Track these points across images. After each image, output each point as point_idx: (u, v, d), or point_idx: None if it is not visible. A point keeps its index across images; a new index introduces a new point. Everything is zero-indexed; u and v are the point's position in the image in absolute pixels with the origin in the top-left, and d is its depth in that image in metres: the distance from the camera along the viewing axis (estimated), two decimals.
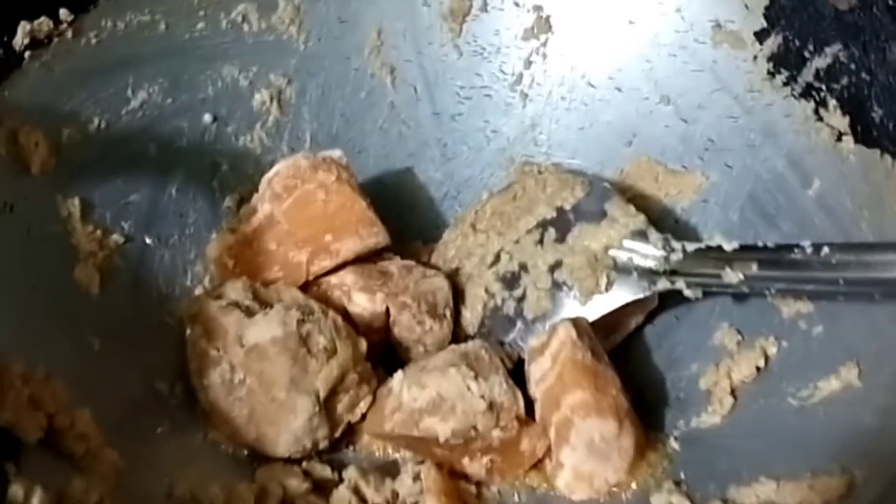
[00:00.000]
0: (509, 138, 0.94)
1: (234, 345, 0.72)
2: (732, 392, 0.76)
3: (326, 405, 0.72)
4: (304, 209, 0.80)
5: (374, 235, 0.80)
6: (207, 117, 0.87)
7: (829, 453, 0.65)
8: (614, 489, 0.71)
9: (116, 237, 0.79)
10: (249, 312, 0.73)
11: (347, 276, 0.79)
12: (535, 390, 0.74)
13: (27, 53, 0.75)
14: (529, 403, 0.74)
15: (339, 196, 0.80)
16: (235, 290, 0.75)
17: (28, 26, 0.75)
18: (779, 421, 0.72)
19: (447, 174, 0.94)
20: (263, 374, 0.71)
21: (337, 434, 0.74)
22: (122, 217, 0.81)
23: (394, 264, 0.82)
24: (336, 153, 0.84)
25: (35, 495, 0.52)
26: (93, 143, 0.80)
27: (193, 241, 0.84)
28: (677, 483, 0.70)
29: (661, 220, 0.83)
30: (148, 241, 0.82)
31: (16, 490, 0.52)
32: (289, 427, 0.71)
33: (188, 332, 0.75)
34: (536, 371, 0.74)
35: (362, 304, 0.78)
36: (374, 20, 0.91)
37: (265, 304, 0.75)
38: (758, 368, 0.76)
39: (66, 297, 0.74)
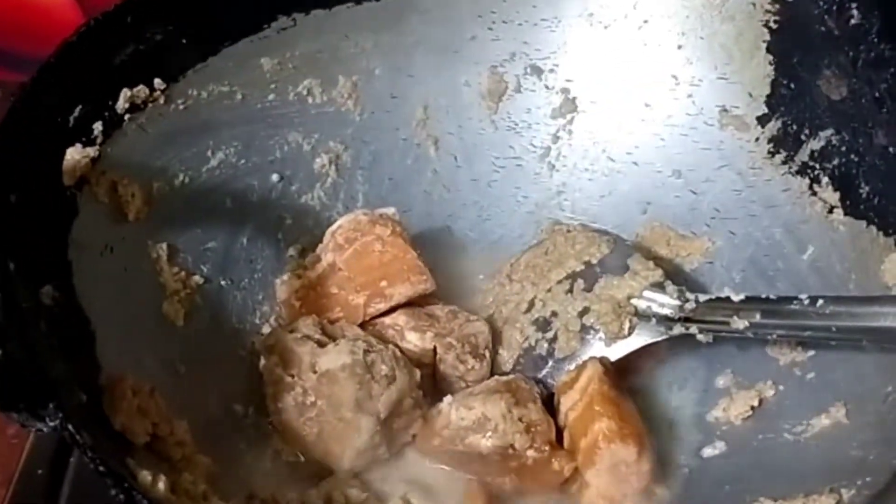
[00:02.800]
0: (537, 203, 1.01)
1: (307, 371, 0.80)
2: (735, 428, 0.83)
3: (385, 425, 0.80)
4: (363, 258, 0.88)
5: (423, 282, 0.88)
6: (275, 177, 0.94)
7: (820, 479, 0.72)
8: None
9: (197, 278, 0.87)
10: (321, 344, 0.81)
11: (400, 318, 0.87)
12: (565, 419, 0.82)
13: (127, 116, 0.82)
14: (558, 432, 0.82)
15: (394, 248, 0.88)
16: (307, 325, 0.84)
17: (128, 93, 0.82)
18: (776, 453, 0.79)
19: (482, 233, 1.01)
20: (333, 396, 0.79)
21: (392, 451, 0.82)
22: (202, 261, 0.88)
23: (439, 309, 0.89)
24: (390, 210, 0.91)
25: (160, 481, 0.62)
26: (178, 196, 0.87)
27: (261, 285, 0.92)
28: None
29: (673, 279, 0.90)
30: (223, 282, 0.89)
31: (145, 475, 0.61)
32: (353, 444, 0.79)
33: (263, 361, 0.83)
34: (566, 402, 0.82)
35: (413, 341, 0.86)
36: (421, 97, 0.99)
37: (332, 338, 0.83)
38: (753, 408, 0.84)
39: (156, 327, 0.82)
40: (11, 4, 1.20)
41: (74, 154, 0.77)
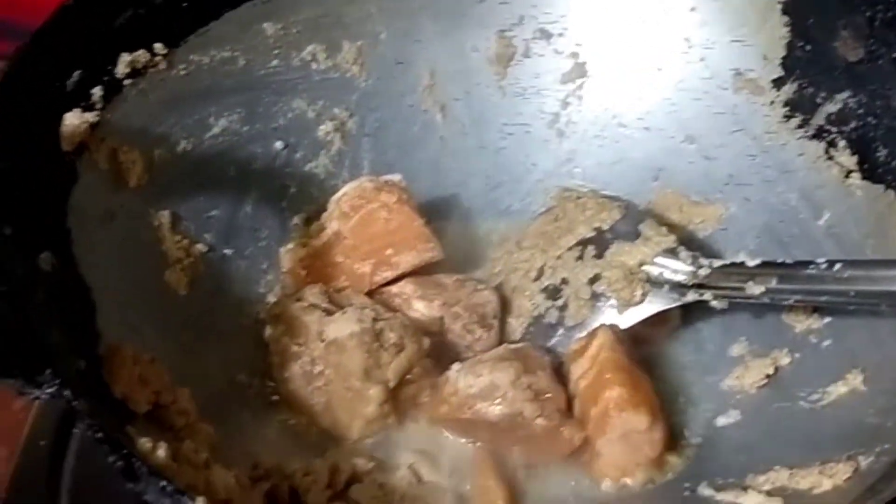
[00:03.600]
0: (547, 171, 0.99)
1: (314, 340, 0.79)
2: (749, 397, 0.82)
3: (394, 394, 0.79)
4: (369, 226, 0.87)
5: (430, 250, 0.87)
6: (279, 144, 0.93)
7: (837, 447, 0.71)
8: (645, 477, 0.78)
9: (200, 246, 0.86)
10: (328, 312, 0.81)
11: (407, 286, 0.86)
12: (575, 388, 0.81)
13: (127, 81, 0.81)
14: (568, 401, 0.81)
15: (400, 215, 0.87)
16: (313, 294, 0.83)
17: (128, 57, 0.81)
18: (792, 421, 0.78)
19: (490, 202, 1.00)
20: (341, 365, 0.78)
21: (401, 420, 0.81)
22: (205, 229, 0.87)
23: (447, 277, 0.88)
24: (396, 177, 0.91)
25: (160, 448, 0.61)
26: (180, 163, 0.86)
27: (265, 254, 0.91)
28: (701, 473, 0.77)
29: (686, 245, 0.89)
30: (227, 251, 0.88)
31: (144, 443, 0.60)
32: (362, 413, 0.78)
33: (269, 330, 0.82)
34: (576, 370, 0.81)
35: (421, 309, 0.85)
36: (428, 63, 0.98)
37: (339, 306, 0.82)
38: (768, 376, 0.82)
39: (158, 296, 0.81)
40: None
41: (73, 119, 0.76)
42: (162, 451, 0.60)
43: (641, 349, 0.87)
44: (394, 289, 0.87)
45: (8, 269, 0.63)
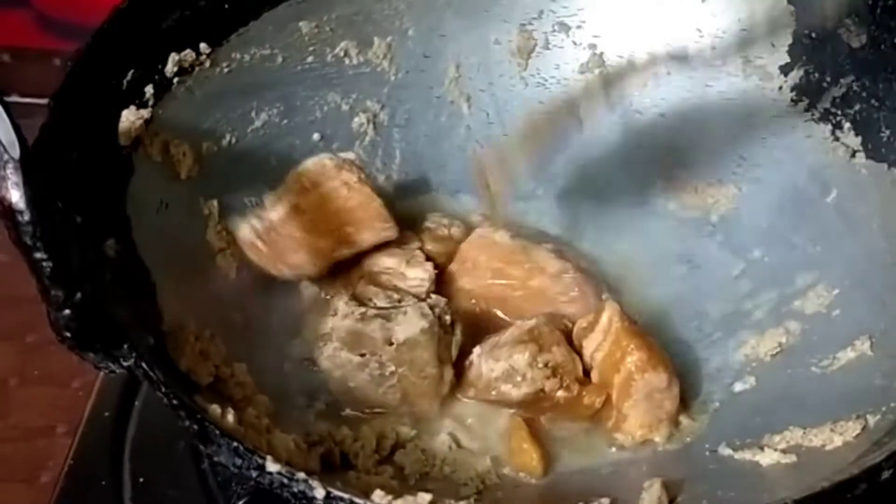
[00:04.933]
0: (568, 157, 1.01)
1: (382, 346, 0.81)
2: (764, 364, 0.86)
3: None
4: (329, 203, 0.88)
5: (388, 230, 0.89)
6: (316, 136, 0.97)
7: (847, 407, 0.74)
8: (668, 431, 0.82)
9: None
10: (386, 317, 0.83)
11: (387, 260, 0.88)
12: (591, 361, 0.84)
13: (175, 79, 0.85)
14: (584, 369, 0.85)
15: (359, 194, 0.88)
16: (345, 302, 0.85)
17: (177, 57, 0.85)
18: (804, 386, 0.81)
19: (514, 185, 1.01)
20: (415, 360, 0.81)
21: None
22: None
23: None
24: (351, 156, 0.92)
25: (228, 413, 0.66)
26: (226, 155, 0.90)
27: None
28: (720, 435, 0.81)
29: (700, 225, 0.96)
30: None
31: (214, 408, 0.66)
32: (440, 394, 0.83)
33: (321, 353, 0.84)
34: (590, 345, 0.84)
35: (418, 276, 0.88)
36: (454, 56, 1.01)
37: (362, 302, 0.85)
38: (781, 345, 0.86)
39: (211, 279, 0.85)
40: None
41: (129, 116, 0.81)
42: (230, 417, 0.66)
43: None
44: (374, 268, 0.89)
45: (80, 254, 0.68)
